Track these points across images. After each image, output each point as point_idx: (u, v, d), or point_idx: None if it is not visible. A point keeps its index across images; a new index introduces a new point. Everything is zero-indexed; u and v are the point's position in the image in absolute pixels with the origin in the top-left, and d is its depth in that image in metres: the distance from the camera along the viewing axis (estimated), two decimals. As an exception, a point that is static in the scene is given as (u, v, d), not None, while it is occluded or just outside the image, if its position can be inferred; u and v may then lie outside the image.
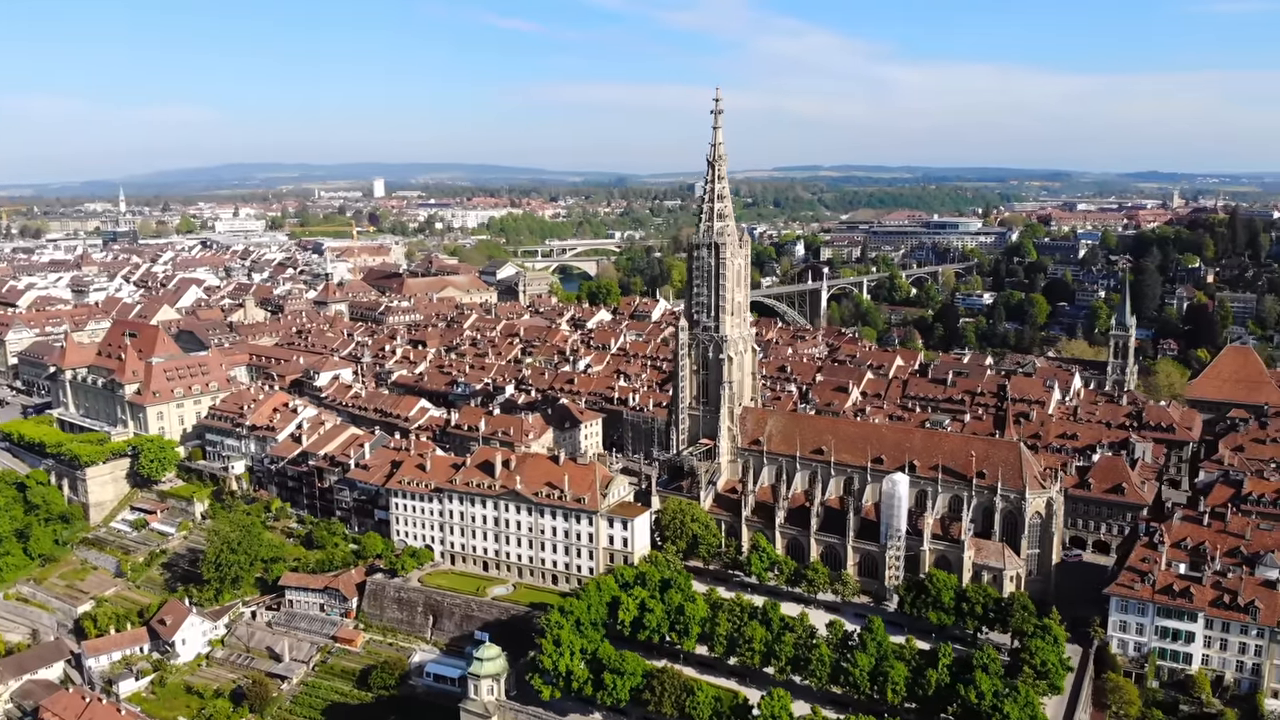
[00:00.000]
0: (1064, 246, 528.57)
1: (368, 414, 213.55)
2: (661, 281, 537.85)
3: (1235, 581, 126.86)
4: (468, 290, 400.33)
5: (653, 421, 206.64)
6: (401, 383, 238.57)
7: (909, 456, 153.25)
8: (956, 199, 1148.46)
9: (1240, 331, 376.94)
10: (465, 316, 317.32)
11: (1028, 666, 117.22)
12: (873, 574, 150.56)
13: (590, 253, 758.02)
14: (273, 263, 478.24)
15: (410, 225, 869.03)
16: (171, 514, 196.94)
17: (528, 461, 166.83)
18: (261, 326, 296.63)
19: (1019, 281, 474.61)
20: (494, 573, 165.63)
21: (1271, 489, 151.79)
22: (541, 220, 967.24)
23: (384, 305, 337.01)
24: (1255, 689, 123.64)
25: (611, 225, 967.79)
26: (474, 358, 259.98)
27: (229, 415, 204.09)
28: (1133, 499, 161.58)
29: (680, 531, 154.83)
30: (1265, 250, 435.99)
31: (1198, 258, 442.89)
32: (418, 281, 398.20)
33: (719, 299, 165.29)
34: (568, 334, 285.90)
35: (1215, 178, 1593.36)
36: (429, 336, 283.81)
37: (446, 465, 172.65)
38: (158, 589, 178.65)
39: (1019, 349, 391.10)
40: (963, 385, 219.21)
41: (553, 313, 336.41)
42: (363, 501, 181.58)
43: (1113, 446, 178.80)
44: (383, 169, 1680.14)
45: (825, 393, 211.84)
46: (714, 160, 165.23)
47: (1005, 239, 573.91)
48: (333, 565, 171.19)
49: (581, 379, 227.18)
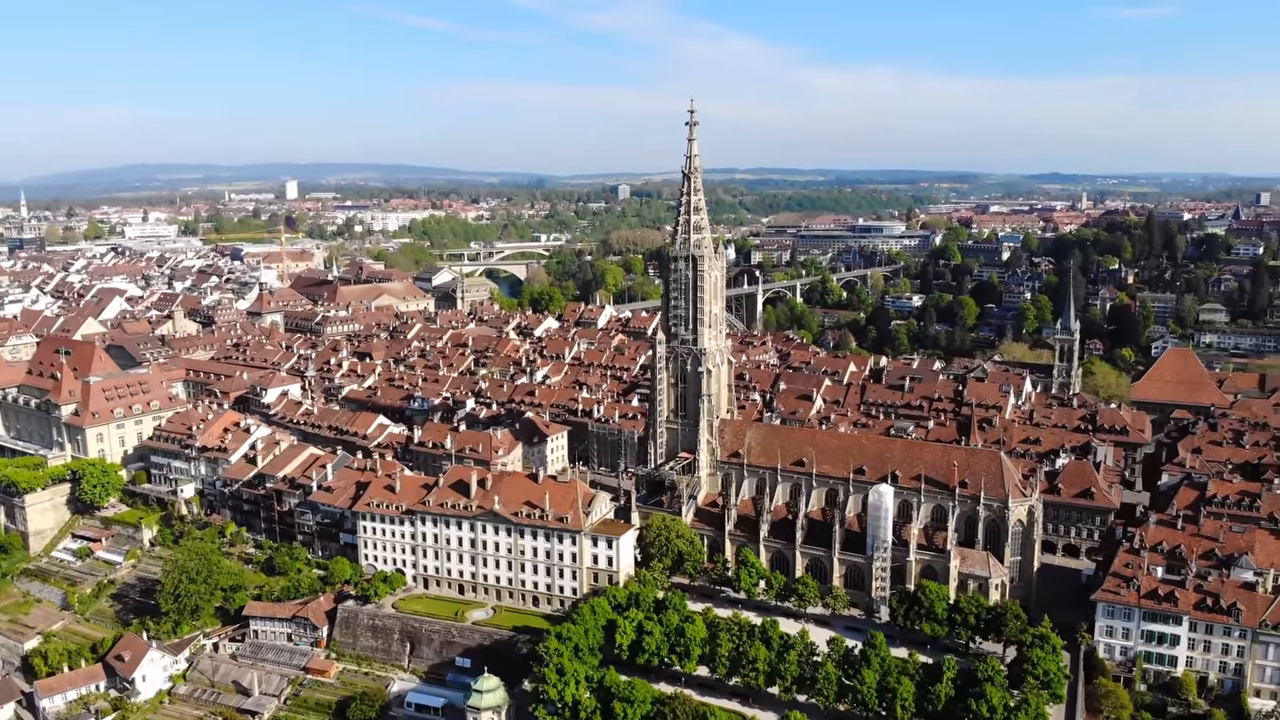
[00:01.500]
0: (987, 249, 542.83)
1: (321, 432, 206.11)
2: (596, 286, 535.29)
3: (1216, 584, 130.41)
4: (404, 297, 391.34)
5: (619, 433, 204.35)
6: (353, 398, 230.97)
7: (890, 467, 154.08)
8: (872, 202, 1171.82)
9: (1162, 331, 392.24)
10: (408, 326, 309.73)
11: (1031, 677, 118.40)
12: (859, 586, 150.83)
13: (518, 256, 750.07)
14: (192, 270, 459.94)
15: (328, 228, 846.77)
16: (118, 541, 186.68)
17: (504, 480, 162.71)
18: (195, 340, 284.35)
19: (946, 284, 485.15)
20: (471, 596, 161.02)
21: (1234, 490, 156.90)
22: (465, 223, 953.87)
23: (320, 315, 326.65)
24: (1238, 689, 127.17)
25: (537, 228, 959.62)
26: (425, 370, 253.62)
27: (176, 436, 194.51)
28: (1101, 503, 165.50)
29: (665, 549, 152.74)
30: (1181, 251, 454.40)
31: (1117, 259, 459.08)
32: (352, 289, 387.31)
33: (697, 311, 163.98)
34: (519, 343, 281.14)
35: (1114, 179, 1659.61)
36: (374, 348, 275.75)
37: (417, 486, 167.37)
38: (109, 622, 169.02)
39: (951, 350, 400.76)
40: (920, 391, 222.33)
41: (498, 320, 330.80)
42: (326, 525, 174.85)
43: (1074, 451, 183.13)
44: (292, 169, 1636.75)
45: (789, 401, 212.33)
46: (689, 172, 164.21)
47: (929, 242, 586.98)
48: (298, 592, 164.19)
49: (542, 391, 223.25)
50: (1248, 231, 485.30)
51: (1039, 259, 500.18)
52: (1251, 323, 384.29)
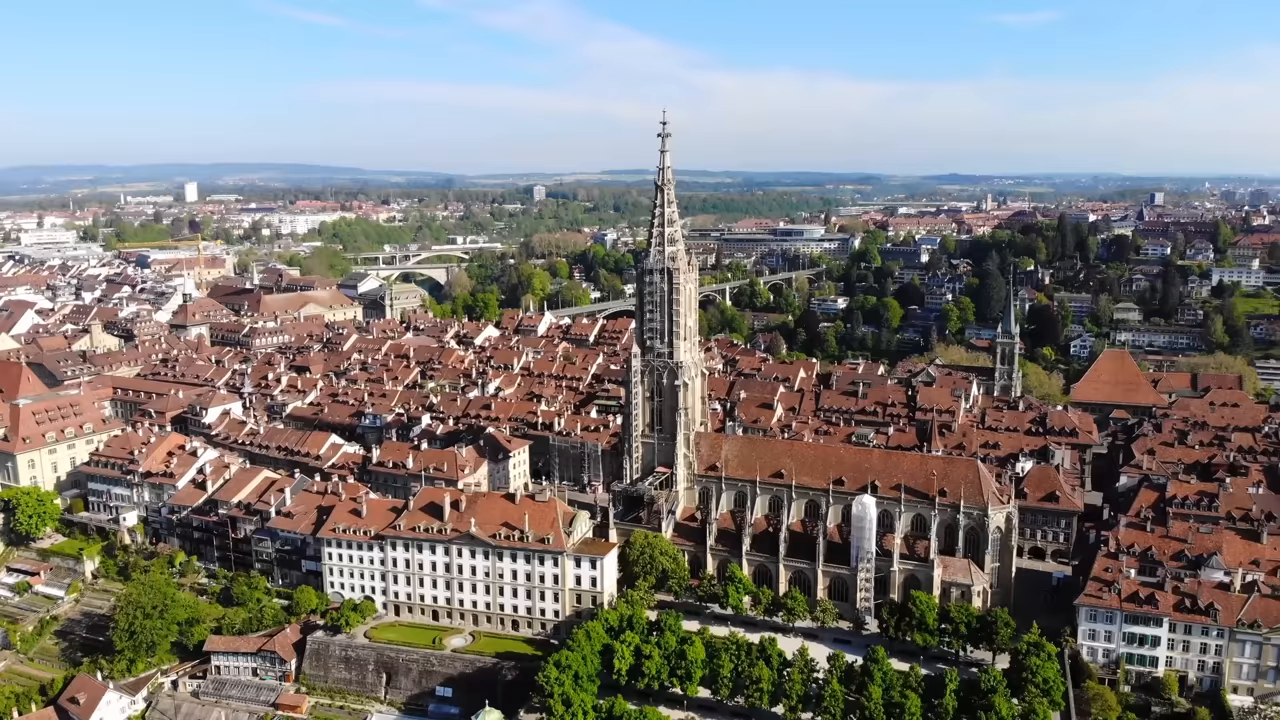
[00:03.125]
0: (906, 252, 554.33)
1: (270, 453, 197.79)
2: (522, 290, 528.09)
3: (1193, 585, 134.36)
4: (330, 306, 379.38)
5: (583, 446, 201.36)
6: (298, 415, 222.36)
7: (870, 477, 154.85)
8: (783, 204, 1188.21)
9: (1079, 330, 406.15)
10: (343, 337, 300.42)
11: (1031, 685, 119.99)
12: (843, 597, 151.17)
13: (435, 259, 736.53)
14: (99, 279, 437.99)
15: (234, 232, 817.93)
16: (58, 574, 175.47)
17: (479, 501, 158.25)
18: (118, 356, 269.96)
19: (869, 286, 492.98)
20: (446, 622, 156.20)
21: (1193, 491, 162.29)
22: (377, 225, 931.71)
23: (248, 327, 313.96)
24: (1217, 686, 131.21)
25: (452, 230, 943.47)
26: (368, 383, 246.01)
27: (116, 461, 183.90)
28: (1066, 506, 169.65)
29: (650, 567, 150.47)
30: (1093, 252, 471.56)
31: (1033, 260, 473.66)
32: (276, 299, 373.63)
33: (672, 325, 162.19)
34: (463, 354, 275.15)
35: (1010, 179, 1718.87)
36: (311, 362, 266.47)
37: (384, 509, 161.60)
38: (56, 661, 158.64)
39: (878, 352, 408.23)
40: (874, 396, 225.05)
41: (435, 330, 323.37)
42: (287, 552, 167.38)
43: (1033, 455, 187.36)
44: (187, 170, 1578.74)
45: (750, 410, 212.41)
46: (662, 184, 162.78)
47: (848, 245, 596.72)
48: (262, 624, 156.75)
49: (499, 404, 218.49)
50: (1154, 232, 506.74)
51: (957, 261, 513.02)
52: (1164, 321, 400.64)
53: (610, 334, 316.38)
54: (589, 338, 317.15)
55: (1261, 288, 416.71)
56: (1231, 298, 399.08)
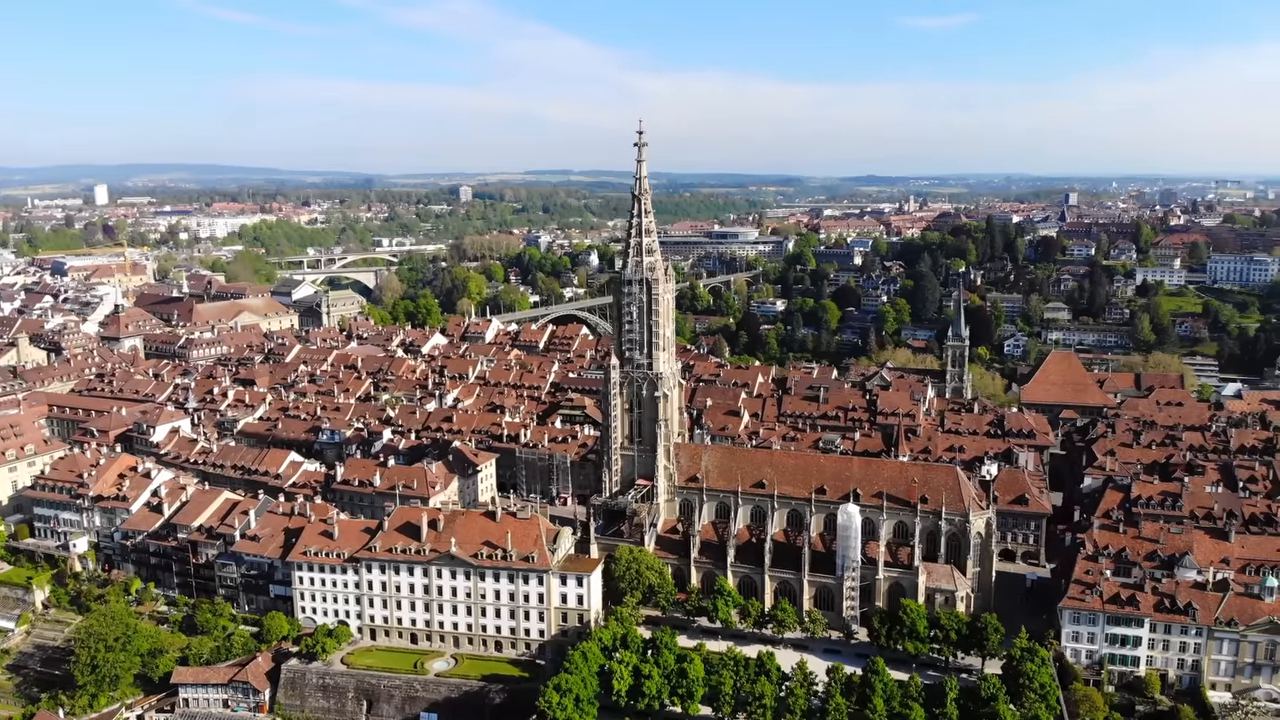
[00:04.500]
0: (839, 254, 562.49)
1: (225, 472, 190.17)
2: (457, 294, 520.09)
3: (1170, 585, 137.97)
4: (265, 315, 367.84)
5: (550, 458, 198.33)
6: (250, 432, 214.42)
7: (851, 485, 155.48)
8: (711, 206, 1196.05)
9: (1012, 330, 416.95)
10: (285, 348, 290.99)
11: (1029, 691, 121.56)
12: (829, 606, 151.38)
13: (361, 263, 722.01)
14: (14, 288, 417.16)
15: (150, 236, 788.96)
16: (6, 605, 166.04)
17: (459, 520, 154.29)
18: (49, 371, 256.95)
19: (806, 289, 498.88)
20: (426, 645, 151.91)
21: (1156, 492, 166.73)
22: (299, 227, 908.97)
23: (184, 338, 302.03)
24: (1195, 683, 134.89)
25: (377, 231, 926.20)
26: (318, 397, 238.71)
27: (64, 484, 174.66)
28: (1035, 509, 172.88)
29: (636, 582, 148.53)
30: (1021, 253, 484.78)
31: (964, 262, 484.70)
32: (209, 307, 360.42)
33: (651, 335, 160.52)
34: (413, 363, 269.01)
35: (926, 180, 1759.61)
36: (256, 374, 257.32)
37: (357, 531, 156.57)
38: (10, 698, 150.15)
39: (819, 354, 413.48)
40: (835, 401, 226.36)
41: (380, 338, 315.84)
42: (253, 577, 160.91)
43: (997, 457, 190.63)
44: (95, 171, 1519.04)
45: (717, 417, 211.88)
46: (639, 194, 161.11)
47: (782, 248, 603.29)
48: (230, 653, 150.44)
49: (460, 416, 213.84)
50: (1078, 233, 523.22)
51: (890, 263, 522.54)
52: (1093, 320, 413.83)
53: (561, 340, 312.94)
54: (539, 344, 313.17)
55: (1184, 286, 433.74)
56: (1156, 297, 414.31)
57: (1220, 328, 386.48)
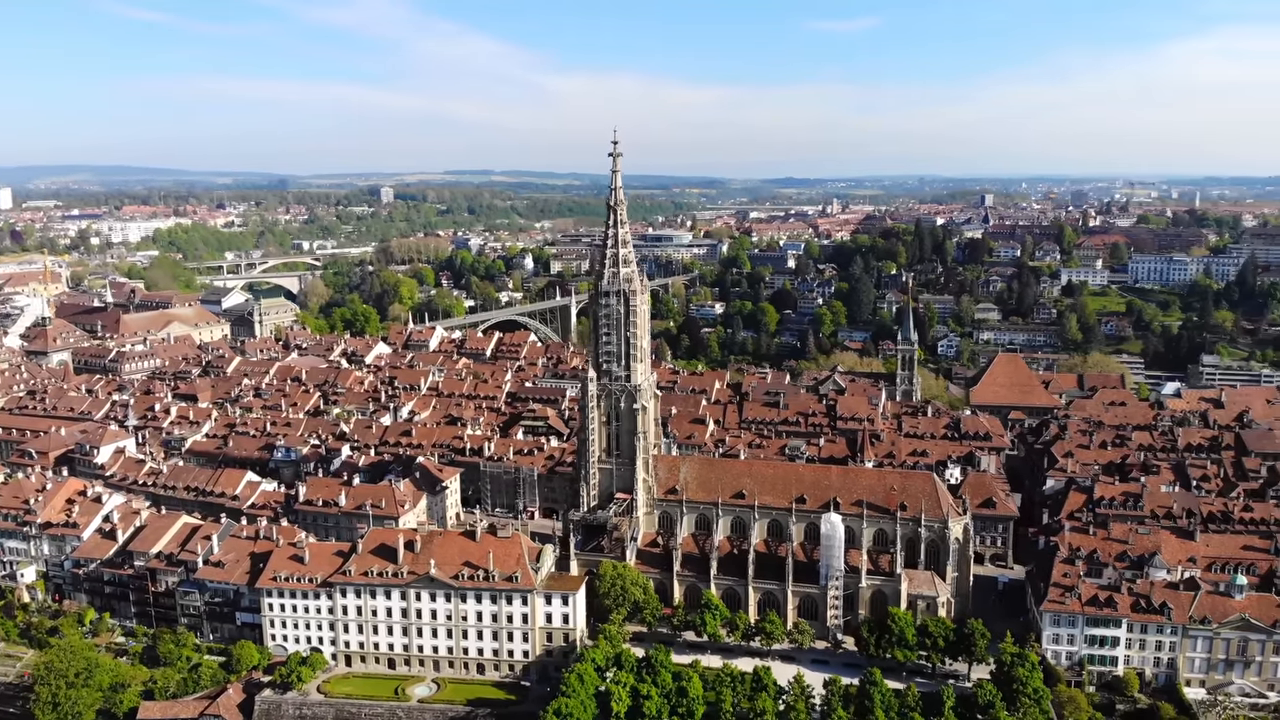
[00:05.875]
0: (774, 257, 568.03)
1: (178, 494, 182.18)
2: (388, 300, 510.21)
3: (1146, 586, 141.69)
4: (196, 325, 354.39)
5: (516, 471, 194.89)
6: (199, 450, 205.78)
7: (831, 494, 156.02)
8: (637, 208, 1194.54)
9: (945, 330, 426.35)
10: (224, 360, 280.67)
11: (1023, 696, 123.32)
12: (812, 615, 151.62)
13: (283, 267, 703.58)
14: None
15: (61, 242, 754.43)
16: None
17: (436, 541, 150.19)
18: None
19: (744, 292, 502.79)
20: (405, 670, 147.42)
21: (1118, 492, 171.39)
22: (215, 231, 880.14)
23: (115, 351, 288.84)
24: (1171, 681, 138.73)
25: (297, 234, 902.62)
26: (265, 411, 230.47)
27: (8, 511, 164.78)
28: (1003, 512, 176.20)
29: (622, 598, 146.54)
30: (951, 255, 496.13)
31: (895, 264, 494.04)
32: (136, 318, 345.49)
33: (629, 347, 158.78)
34: (361, 374, 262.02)
35: (842, 182, 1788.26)
36: (197, 389, 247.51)
37: (329, 554, 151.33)
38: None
39: (759, 356, 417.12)
40: (794, 407, 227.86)
41: (320, 348, 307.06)
42: (218, 605, 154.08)
43: (959, 461, 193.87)
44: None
45: (683, 426, 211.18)
46: (614, 204, 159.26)
47: (717, 251, 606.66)
48: (198, 685, 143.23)
49: (420, 430, 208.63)
50: (1003, 235, 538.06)
51: (824, 266, 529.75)
52: (1022, 320, 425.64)
53: (509, 348, 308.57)
54: (486, 352, 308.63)
55: (1107, 286, 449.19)
56: (1081, 297, 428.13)
57: (1144, 326, 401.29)
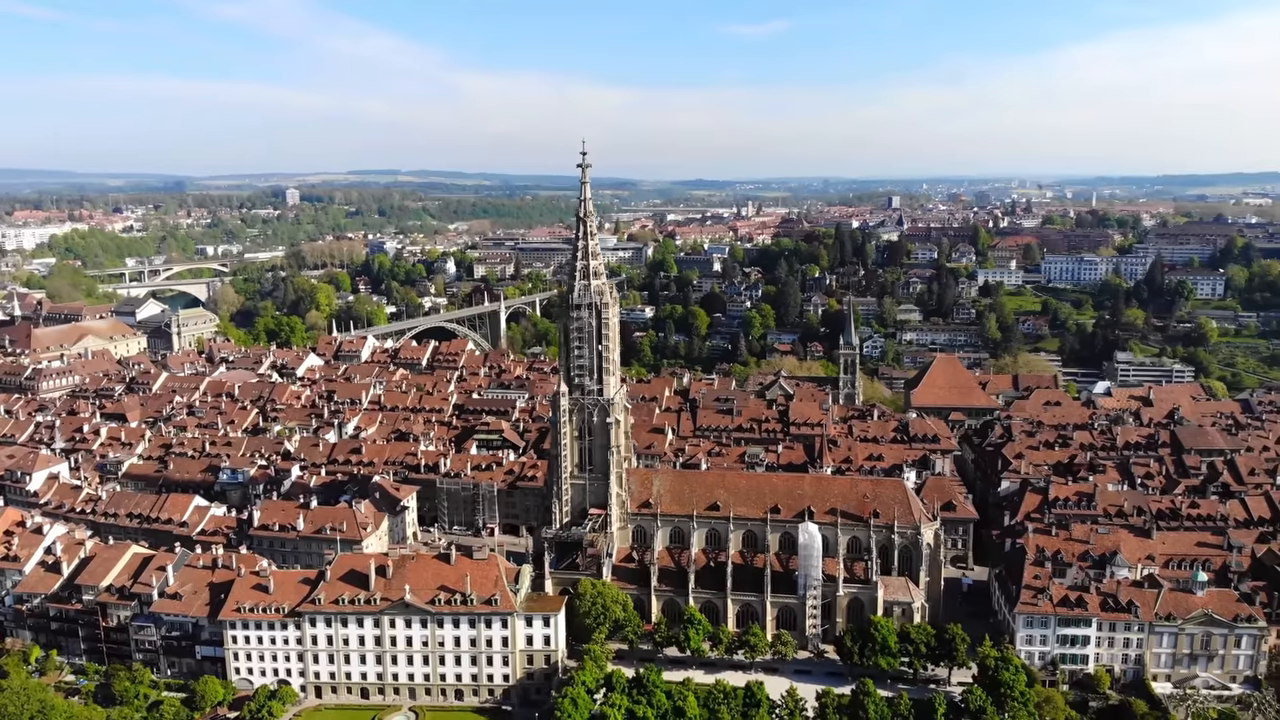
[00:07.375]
0: (700, 261, 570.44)
1: (120, 521, 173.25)
2: (305, 307, 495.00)
3: (1113, 585, 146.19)
4: (111, 338, 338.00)
5: (475, 487, 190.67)
6: (137, 474, 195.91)
7: (805, 503, 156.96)
8: (551, 209, 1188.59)
9: (869, 331, 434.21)
10: (150, 376, 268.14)
11: (1012, 699, 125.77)
12: (790, 625, 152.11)
13: (188, 274, 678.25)
14: None
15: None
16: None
17: (409, 565, 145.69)
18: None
19: (673, 295, 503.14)
20: (379, 699, 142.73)
21: (1072, 492, 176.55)
22: (115, 236, 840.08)
23: (30, 368, 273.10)
24: (1139, 676, 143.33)
25: (200, 239, 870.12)
26: (201, 430, 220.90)
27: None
28: (964, 514, 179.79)
29: (603, 617, 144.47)
30: (871, 258, 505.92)
31: (818, 267, 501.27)
32: (48, 332, 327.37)
33: (601, 360, 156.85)
34: (297, 389, 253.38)
35: (751, 184, 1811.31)
36: (125, 408, 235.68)
37: (294, 582, 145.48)
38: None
39: (691, 360, 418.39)
40: (747, 413, 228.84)
41: (247, 361, 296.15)
42: (175, 638, 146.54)
43: (914, 464, 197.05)
44: None
45: (641, 435, 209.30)
46: (584, 216, 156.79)
47: (642, 254, 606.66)
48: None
49: (370, 447, 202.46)
50: (920, 237, 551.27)
51: (749, 269, 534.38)
52: (943, 320, 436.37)
53: (446, 357, 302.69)
54: (422, 361, 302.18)
55: (1022, 286, 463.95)
56: (999, 297, 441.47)
57: (1060, 325, 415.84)
